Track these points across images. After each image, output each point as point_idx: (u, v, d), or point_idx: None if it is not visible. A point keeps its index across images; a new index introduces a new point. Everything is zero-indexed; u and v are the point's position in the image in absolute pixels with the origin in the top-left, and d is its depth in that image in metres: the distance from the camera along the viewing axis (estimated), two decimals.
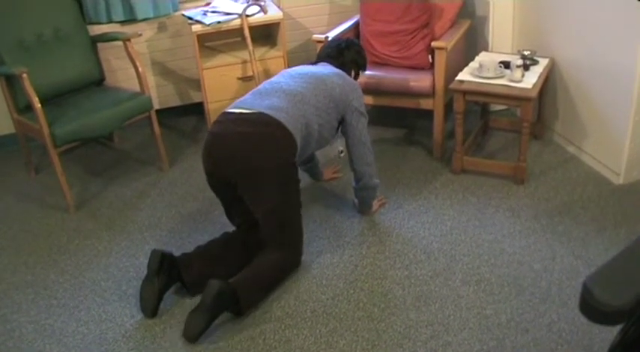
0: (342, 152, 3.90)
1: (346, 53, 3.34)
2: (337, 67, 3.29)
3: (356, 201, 3.44)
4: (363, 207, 3.42)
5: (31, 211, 3.73)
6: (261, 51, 4.24)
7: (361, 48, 3.43)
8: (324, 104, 3.02)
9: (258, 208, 2.88)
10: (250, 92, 3.06)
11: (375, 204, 3.45)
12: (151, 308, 2.81)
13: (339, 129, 3.19)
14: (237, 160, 2.80)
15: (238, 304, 2.72)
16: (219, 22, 3.96)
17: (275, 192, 2.84)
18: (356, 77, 3.41)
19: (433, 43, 3.65)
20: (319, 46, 3.84)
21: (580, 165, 3.74)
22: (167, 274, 2.83)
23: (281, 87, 3.00)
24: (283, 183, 2.86)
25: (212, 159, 2.88)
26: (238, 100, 3.01)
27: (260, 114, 2.84)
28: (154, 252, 2.82)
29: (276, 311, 2.80)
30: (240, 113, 2.88)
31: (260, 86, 3.09)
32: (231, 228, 3.21)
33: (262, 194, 2.83)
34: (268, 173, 2.80)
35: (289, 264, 2.99)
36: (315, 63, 3.36)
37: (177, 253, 3.06)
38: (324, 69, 3.18)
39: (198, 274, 2.90)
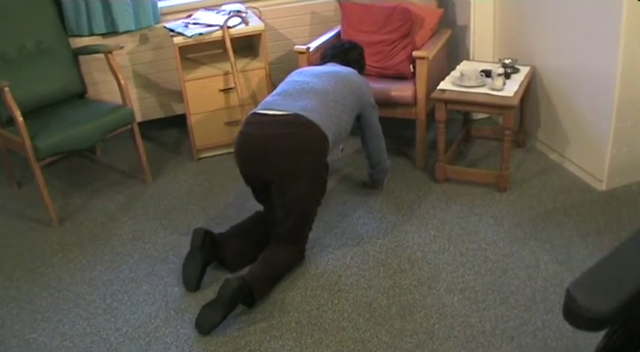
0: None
1: (351, 53, 3.55)
2: (343, 65, 3.43)
3: (369, 179, 3.73)
4: (377, 185, 3.73)
5: (14, 225, 3.70)
6: (243, 62, 4.23)
7: (363, 50, 3.64)
8: (351, 101, 3.14)
9: (283, 201, 2.96)
10: (276, 93, 3.12)
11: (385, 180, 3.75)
12: (193, 282, 2.96)
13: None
14: (278, 162, 2.89)
15: (252, 298, 2.84)
16: (200, 34, 3.96)
17: (305, 190, 2.94)
18: None
19: (414, 53, 3.67)
20: (301, 56, 3.86)
21: (562, 172, 3.76)
22: (208, 251, 2.98)
23: (311, 87, 3.08)
24: (316, 180, 2.97)
25: (250, 161, 2.98)
26: (267, 102, 3.07)
27: (296, 115, 2.92)
28: (196, 230, 2.99)
29: (260, 323, 2.79)
30: (275, 115, 2.95)
31: (284, 87, 3.15)
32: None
33: (295, 191, 2.92)
34: (306, 173, 2.91)
35: (296, 259, 3.11)
36: (321, 64, 3.50)
37: (161, 265, 3.05)
38: (338, 68, 3.31)
39: (238, 251, 3.07)
